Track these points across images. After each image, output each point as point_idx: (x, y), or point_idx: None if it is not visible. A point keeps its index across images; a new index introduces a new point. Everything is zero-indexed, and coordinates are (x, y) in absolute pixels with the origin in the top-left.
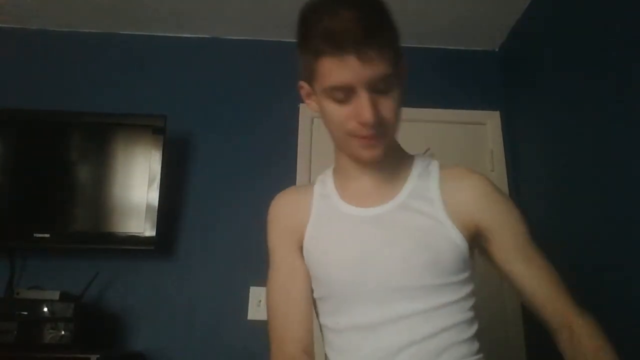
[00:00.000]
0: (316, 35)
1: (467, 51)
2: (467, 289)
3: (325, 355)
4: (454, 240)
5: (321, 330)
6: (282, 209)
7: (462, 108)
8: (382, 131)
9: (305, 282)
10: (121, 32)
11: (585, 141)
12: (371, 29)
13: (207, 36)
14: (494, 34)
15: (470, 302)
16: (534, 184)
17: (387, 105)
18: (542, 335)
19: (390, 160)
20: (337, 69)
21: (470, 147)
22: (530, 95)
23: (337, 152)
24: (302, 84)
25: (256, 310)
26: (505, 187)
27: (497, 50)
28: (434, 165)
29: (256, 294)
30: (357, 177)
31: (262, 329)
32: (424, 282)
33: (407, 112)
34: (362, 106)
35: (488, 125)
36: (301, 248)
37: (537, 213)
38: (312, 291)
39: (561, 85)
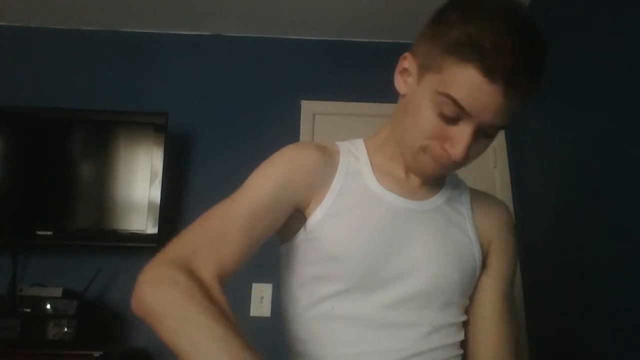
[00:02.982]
0: (476, 36)
1: None
2: (466, 315)
3: (295, 338)
4: (476, 259)
5: (287, 310)
6: (299, 161)
7: None
8: (457, 167)
9: (265, 235)
10: (122, 30)
11: (587, 137)
12: (534, 67)
13: (208, 33)
14: None
15: (462, 325)
16: (536, 181)
17: (479, 148)
18: (544, 327)
19: None
20: (475, 90)
21: None
22: None
23: (391, 137)
24: (409, 57)
25: (258, 307)
26: (508, 184)
27: None
28: (464, 184)
29: (258, 290)
30: (400, 166)
31: (264, 325)
32: (445, 295)
33: None
34: (461, 140)
35: None
36: (296, 209)
37: (540, 210)
38: (257, 249)
39: (563, 82)
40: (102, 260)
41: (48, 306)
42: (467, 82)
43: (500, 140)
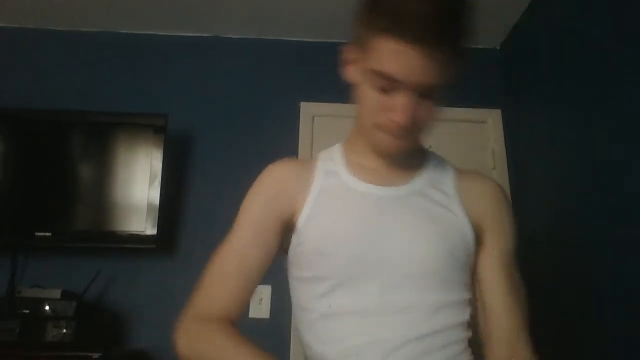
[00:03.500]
0: (388, 9)
1: (468, 49)
2: (469, 293)
3: (305, 343)
4: (467, 235)
5: (295, 317)
6: (276, 179)
7: (463, 106)
8: (410, 132)
9: (264, 258)
10: (122, 31)
11: (586, 139)
12: (450, 31)
13: (208, 35)
14: (495, 32)
15: (470, 309)
16: (535, 182)
17: (425, 111)
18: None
19: (409, 150)
20: (395, 58)
21: (472, 146)
22: (531, 93)
23: (356, 132)
24: (349, 47)
25: (257, 309)
26: (506, 186)
27: (498, 48)
28: (449, 164)
29: (257, 292)
30: (372, 156)
31: (264, 327)
32: (437, 272)
33: None
34: (400, 107)
35: (489, 124)
36: (286, 224)
37: (539, 211)
38: (261, 277)
39: (562, 83)
40: (101, 261)
41: (47, 307)
42: (387, 53)
43: (499, 142)
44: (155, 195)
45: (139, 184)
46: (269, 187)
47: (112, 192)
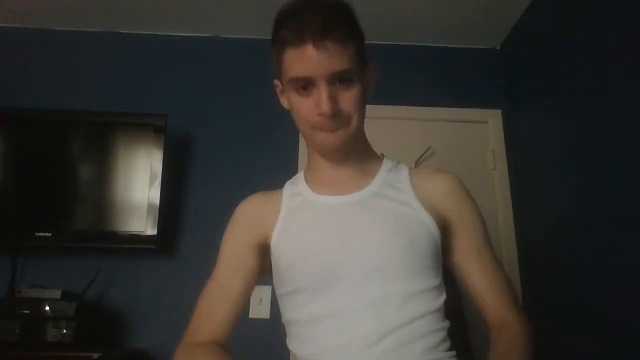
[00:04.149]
0: (282, 28)
1: (468, 49)
2: (440, 280)
3: (293, 354)
4: (428, 225)
5: (286, 330)
6: (247, 211)
7: (464, 106)
8: (342, 123)
9: (244, 286)
10: (122, 31)
11: (586, 139)
12: (330, 24)
13: (208, 35)
14: (495, 33)
15: (443, 297)
16: (535, 182)
17: (346, 98)
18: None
19: (360, 155)
20: (298, 60)
21: (472, 146)
22: (531, 93)
23: (308, 150)
24: (276, 82)
25: (258, 309)
26: (506, 186)
27: (498, 48)
28: (403, 165)
29: (257, 292)
30: (328, 170)
31: (263, 327)
32: (401, 262)
33: (409, 111)
34: (319, 98)
35: (490, 124)
36: (262, 248)
37: (539, 211)
38: (247, 297)
39: (562, 83)
40: (101, 261)
41: (47, 308)
42: (292, 60)
43: (499, 143)
44: (155, 195)
45: (139, 184)
46: (241, 220)
47: (112, 192)
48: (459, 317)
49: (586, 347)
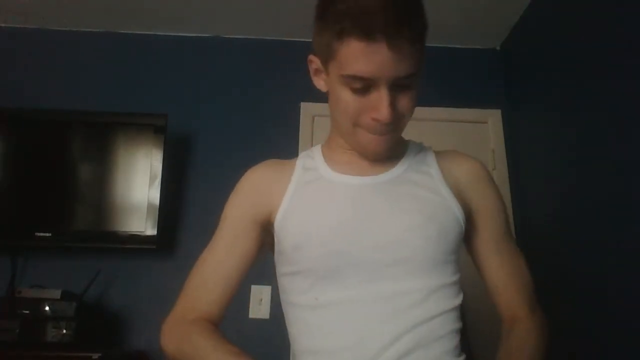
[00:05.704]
0: (343, 11)
1: (468, 49)
2: (459, 275)
3: (292, 337)
4: (456, 214)
5: (285, 313)
6: (252, 182)
7: (464, 106)
8: (395, 127)
9: (242, 265)
10: (122, 31)
11: (586, 139)
12: (403, 15)
13: (208, 35)
14: (495, 32)
15: (461, 294)
16: (535, 182)
17: (405, 102)
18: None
19: None
20: (363, 58)
21: (472, 146)
22: (531, 93)
23: (334, 132)
24: (313, 58)
25: (257, 309)
26: (507, 186)
27: (498, 48)
28: (428, 148)
29: (257, 292)
30: (352, 152)
31: (263, 327)
32: (426, 256)
33: None
34: (381, 103)
35: (489, 124)
36: (265, 224)
37: (539, 211)
38: (243, 276)
39: (562, 83)
40: (101, 261)
41: (47, 308)
42: (353, 54)
43: (499, 143)
44: (155, 195)
45: (139, 184)
46: (246, 192)
47: (112, 192)
48: (461, 321)
49: (586, 347)
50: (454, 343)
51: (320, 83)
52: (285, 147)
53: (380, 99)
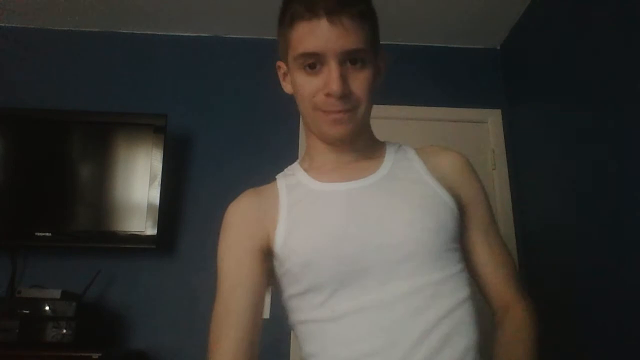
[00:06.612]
0: (293, 2)
1: (468, 49)
2: (464, 263)
3: (310, 354)
4: (450, 205)
5: (297, 333)
6: (240, 213)
7: (463, 106)
8: (350, 106)
9: (253, 302)
10: (122, 31)
11: (586, 139)
12: None
13: (208, 35)
14: (495, 32)
15: (470, 281)
16: (535, 182)
17: (358, 80)
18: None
19: (363, 141)
20: (309, 35)
21: (472, 146)
22: (531, 93)
23: (307, 135)
24: (280, 63)
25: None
26: (507, 185)
27: (498, 48)
28: (406, 145)
29: None
30: (330, 156)
31: (264, 327)
32: (433, 247)
33: (408, 111)
34: (330, 76)
35: (489, 124)
36: (266, 251)
37: (539, 211)
38: (259, 313)
39: (562, 83)
40: (101, 261)
41: (47, 308)
42: (302, 34)
43: (499, 142)
44: (155, 195)
45: (139, 184)
46: (235, 225)
47: (112, 192)
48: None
49: (586, 346)
50: (477, 334)
51: (287, 86)
52: (285, 147)
53: (330, 73)
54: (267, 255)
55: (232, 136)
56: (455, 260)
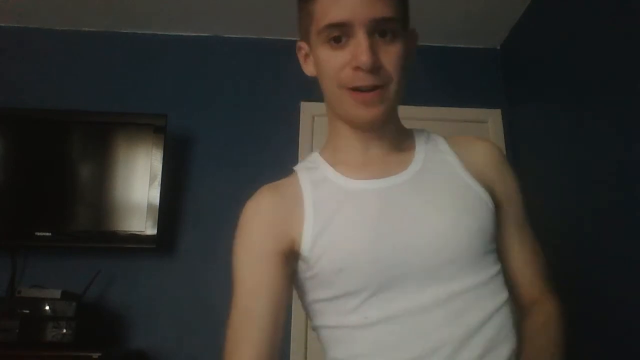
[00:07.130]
0: None
1: (468, 49)
2: (499, 261)
3: (334, 358)
4: (486, 202)
5: (321, 337)
6: (260, 212)
7: (464, 106)
8: (381, 82)
9: (276, 307)
10: (122, 31)
11: (586, 139)
12: None
13: (208, 34)
14: (495, 32)
15: (503, 277)
16: (535, 181)
17: (388, 54)
18: None
19: (392, 129)
20: (334, 4)
21: None
22: (531, 93)
23: (332, 122)
24: (300, 44)
25: None
26: None
27: (498, 48)
28: (436, 134)
29: None
30: (357, 149)
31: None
32: (472, 250)
33: (409, 111)
34: (358, 48)
35: (489, 123)
36: (289, 254)
37: (538, 210)
38: (282, 320)
39: (562, 83)
40: (101, 261)
41: (47, 307)
42: (323, 5)
43: (499, 142)
44: (155, 195)
45: (139, 183)
46: (255, 226)
47: (112, 192)
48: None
49: (587, 346)
50: (517, 336)
51: (309, 68)
52: (285, 147)
53: (359, 43)
54: (291, 257)
55: (232, 136)
56: (493, 262)
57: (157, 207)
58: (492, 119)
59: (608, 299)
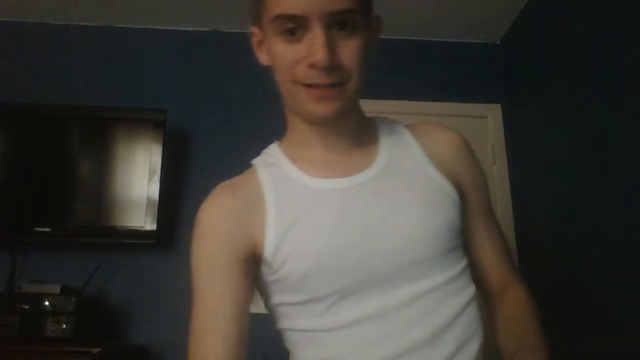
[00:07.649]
0: None
1: (468, 44)
2: (466, 255)
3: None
4: (454, 198)
5: (288, 339)
6: (217, 216)
7: (464, 101)
8: (338, 80)
9: (238, 315)
10: (121, 26)
11: (586, 134)
12: None
13: (207, 29)
14: (495, 27)
15: (470, 272)
16: (535, 177)
17: (348, 48)
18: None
19: (354, 122)
20: None
21: (471, 141)
22: (531, 88)
23: (290, 117)
24: (253, 29)
25: (255, 304)
26: (506, 180)
27: (498, 42)
28: (399, 124)
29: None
30: (318, 145)
31: (261, 321)
32: (441, 248)
33: (408, 105)
34: (314, 44)
35: (489, 118)
36: (250, 258)
37: (538, 206)
38: (244, 329)
39: (563, 78)
40: (100, 256)
41: (46, 303)
42: None
43: (499, 137)
44: (154, 190)
45: (138, 179)
46: (212, 231)
47: (111, 187)
48: None
49: (585, 345)
50: (484, 334)
51: (262, 56)
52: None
53: (314, 38)
54: (252, 262)
55: (232, 131)
56: (460, 257)
57: (157, 202)
58: (491, 114)
59: (606, 293)
